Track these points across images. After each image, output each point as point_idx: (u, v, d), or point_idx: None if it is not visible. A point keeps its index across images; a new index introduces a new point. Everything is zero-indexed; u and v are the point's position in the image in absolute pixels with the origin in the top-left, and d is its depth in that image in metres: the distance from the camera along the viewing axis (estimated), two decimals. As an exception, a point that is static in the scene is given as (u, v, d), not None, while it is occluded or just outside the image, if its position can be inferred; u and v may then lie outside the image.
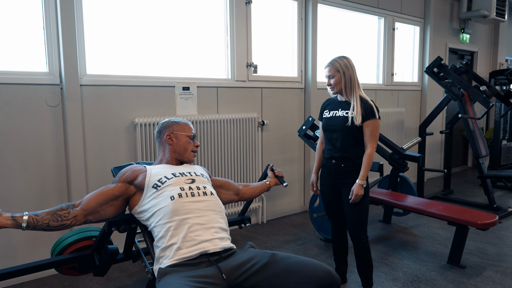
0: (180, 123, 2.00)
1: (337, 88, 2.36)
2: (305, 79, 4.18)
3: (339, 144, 2.35)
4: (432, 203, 3.16)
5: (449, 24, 5.96)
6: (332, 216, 2.57)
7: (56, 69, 2.72)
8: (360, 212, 2.36)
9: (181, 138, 1.95)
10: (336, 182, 2.43)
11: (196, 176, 1.88)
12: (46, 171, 2.73)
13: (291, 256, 1.60)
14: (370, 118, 2.28)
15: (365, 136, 2.31)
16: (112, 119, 2.97)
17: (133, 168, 1.86)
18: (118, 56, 3.04)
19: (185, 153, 1.96)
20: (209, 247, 1.62)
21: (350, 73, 2.33)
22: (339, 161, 2.37)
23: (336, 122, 2.35)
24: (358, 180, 2.29)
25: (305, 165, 4.29)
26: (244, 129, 3.64)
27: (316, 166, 2.64)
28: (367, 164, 2.29)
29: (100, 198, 1.74)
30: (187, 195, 1.73)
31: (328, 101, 2.52)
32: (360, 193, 2.27)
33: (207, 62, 3.53)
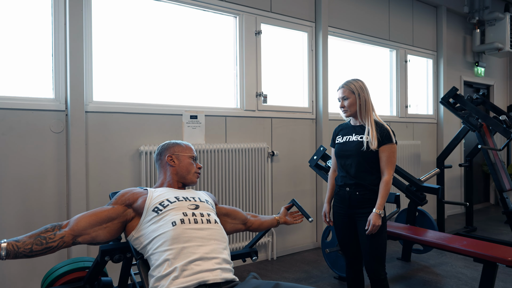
0: (181, 145, 1.93)
1: (351, 110, 2.25)
2: (316, 109, 4.09)
3: (354, 170, 2.21)
4: (456, 238, 2.92)
5: (462, 57, 5.89)
6: (346, 250, 2.37)
7: (63, 96, 2.70)
8: (378, 245, 2.16)
9: (183, 159, 1.87)
10: (351, 212, 2.26)
11: (201, 202, 1.76)
12: (46, 200, 2.63)
13: (296, 286, 1.42)
14: (387, 143, 2.16)
15: (381, 162, 2.18)
16: (117, 147, 2.90)
17: (133, 191, 1.75)
18: (125, 83, 3.02)
19: (188, 175, 1.86)
20: (208, 277, 1.46)
21: (365, 95, 2.24)
22: (354, 189, 2.22)
23: (350, 147, 2.23)
24: (375, 209, 2.12)
25: (317, 198, 4.11)
26: (253, 160, 3.53)
27: (328, 195, 2.48)
28: (384, 191, 2.14)
29: (93, 218, 1.62)
30: (189, 221, 1.60)
31: (341, 127, 2.41)
32: (378, 223, 2.10)
33: (216, 91, 3.49)
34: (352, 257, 2.36)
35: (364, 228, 2.16)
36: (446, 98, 4.31)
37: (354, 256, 2.35)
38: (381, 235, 2.16)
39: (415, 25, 5.16)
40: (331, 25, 4.17)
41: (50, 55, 2.68)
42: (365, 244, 2.19)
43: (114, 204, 1.68)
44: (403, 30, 4.99)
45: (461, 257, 3.71)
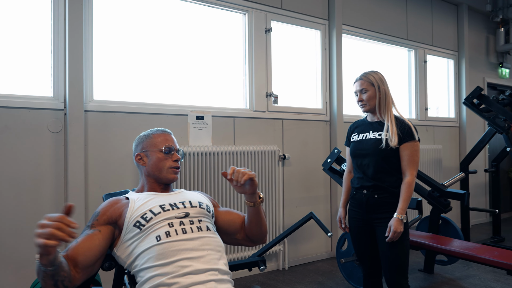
0: (150, 136, 1.59)
1: (369, 104, 2.06)
2: (330, 111, 3.89)
3: (371, 171, 2.01)
4: (485, 248, 2.65)
5: (485, 58, 5.60)
6: (363, 260, 2.15)
7: (61, 94, 2.57)
8: (399, 254, 1.95)
9: (152, 155, 1.54)
10: (368, 217, 2.05)
11: (192, 207, 1.49)
12: (43, 203, 2.49)
13: None
14: (409, 140, 1.96)
15: (402, 162, 1.97)
16: (118, 148, 2.75)
17: (115, 204, 1.45)
18: (128, 81, 2.89)
19: (161, 173, 1.54)
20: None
21: (385, 88, 2.06)
22: (372, 191, 2.01)
23: (367, 146, 2.04)
24: (396, 214, 1.92)
25: (331, 204, 3.88)
26: (263, 163, 3.33)
27: (343, 199, 2.28)
28: (406, 194, 1.93)
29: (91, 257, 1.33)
30: (176, 232, 1.36)
31: (356, 124, 2.22)
32: (399, 229, 1.89)
33: (224, 91, 3.33)
34: (370, 267, 2.13)
35: (383, 235, 1.95)
36: (469, 98, 4.04)
37: (372, 267, 2.13)
38: (403, 243, 1.94)
39: (435, 24, 4.92)
40: (345, 23, 3.98)
41: (49, 51, 2.57)
42: (385, 253, 1.97)
43: (98, 227, 1.38)
44: (422, 29, 4.76)
45: (490, 269, 3.40)
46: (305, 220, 2.42)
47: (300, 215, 3.61)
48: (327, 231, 2.13)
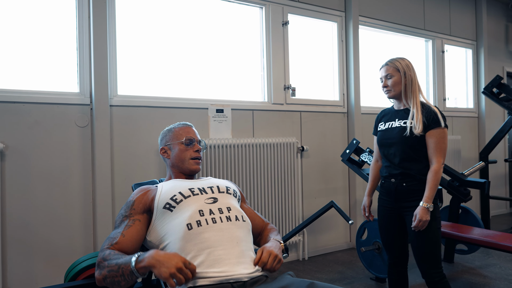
0: (172, 130, 1.71)
1: (394, 90, 2.04)
2: (347, 103, 3.90)
3: (398, 159, 2.01)
4: (506, 236, 2.65)
5: (505, 47, 5.51)
6: (390, 248, 2.15)
7: (87, 89, 2.66)
8: (428, 243, 1.93)
9: (174, 148, 1.65)
10: (397, 205, 2.04)
11: (219, 193, 1.54)
12: (71, 195, 2.60)
13: (332, 287, 1.26)
14: (434, 127, 1.93)
15: (429, 149, 1.95)
16: (142, 141, 2.84)
17: (146, 190, 1.53)
18: (150, 77, 2.96)
19: (183, 164, 1.62)
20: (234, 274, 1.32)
21: (412, 74, 2.03)
22: (400, 180, 2.01)
23: (393, 134, 2.03)
24: (422, 202, 1.90)
25: (350, 196, 3.90)
26: (282, 155, 3.38)
27: (369, 187, 2.29)
28: (433, 182, 1.90)
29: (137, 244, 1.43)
30: (207, 222, 1.40)
31: (383, 112, 2.21)
32: (425, 218, 1.87)
33: (242, 84, 3.38)
34: (396, 256, 2.13)
35: (409, 223, 1.96)
36: (489, 87, 4.00)
37: (398, 256, 2.13)
38: (432, 231, 1.92)
39: (453, 13, 4.87)
40: (362, 15, 3.98)
41: (75, 48, 2.66)
42: (414, 242, 1.97)
43: (136, 215, 1.46)
44: (439, 19, 4.71)
45: (510, 258, 3.40)
46: (326, 209, 2.46)
47: (319, 206, 3.65)
48: (348, 219, 2.17)
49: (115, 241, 1.39)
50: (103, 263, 1.31)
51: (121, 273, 1.24)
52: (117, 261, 1.27)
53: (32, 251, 2.47)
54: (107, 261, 1.30)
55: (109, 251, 1.34)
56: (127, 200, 1.53)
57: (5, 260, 2.39)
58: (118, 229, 1.44)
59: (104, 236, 2.62)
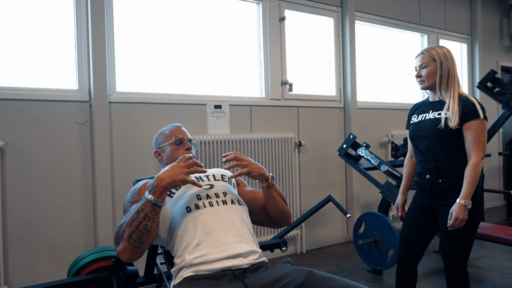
0: (163, 133, 1.75)
1: (428, 81, 1.93)
2: (344, 98, 3.94)
3: (431, 153, 1.90)
4: (500, 228, 2.71)
5: (499, 41, 5.56)
6: (407, 244, 2.04)
7: (86, 86, 2.67)
8: (459, 245, 1.84)
9: (166, 149, 1.70)
10: (433, 203, 1.93)
11: (215, 180, 1.60)
12: (72, 191, 2.62)
13: (333, 278, 1.29)
14: (472, 119, 1.80)
15: (466, 142, 1.83)
16: (141, 138, 2.86)
17: (147, 181, 1.60)
18: (148, 73, 2.98)
19: None
20: (233, 263, 1.35)
21: (450, 65, 1.89)
22: (435, 176, 1.89)
23: (425, 126, 1.92)
24: (459, 199, 1.77)
25: (347, 190, 3.95)
26: (280, 150, 3.41)
27: (403, 185, 2.19)
28: (471, 178, 1.78)
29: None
30: (204, 205, 1.46)
31: (417, 105, 2.10)
32: (462, 216, 1.75)
33: (240, 80, 3.41)
34: (410, 255, 2.03)
35: (445, 222, 1.84)
36: (483, 82, 4.04)
37: (414, 255, 2.03)
38: (466, 233, 1.82)
39: (448, 8, 4.90)
40: (358, 10, 4.00)
41: (73, 45, 2.67)
42: (445, 240, 1.87)
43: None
44: (434, 13, 4.75)
45: (504, 249, 3.46)
46: (324, 203, 2.50)
47: (316, 201, 3.70)
48: (345, 213, 2.19)
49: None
50: (121, 228, 1.33)
51: (143, 215, 1.29)
52: (131, 213, 1.33)
53: (33, 247, 2.50)
54: (125, 222, 1.33)
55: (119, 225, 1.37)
56: (132, 189, 1.56)
57: (6, 256, 2.42)
58: (127, 211, 1.47)
59: (105, 231, 2.65)
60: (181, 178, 1.32)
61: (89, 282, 1.87)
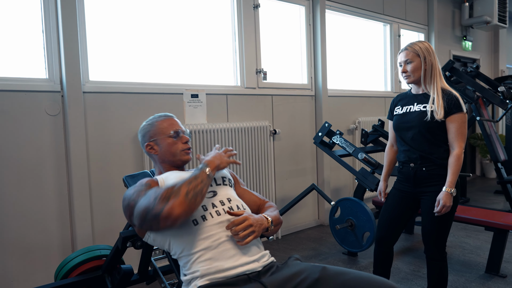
0: (155, 124, 1.63)
1: (414, 76, 2.00)
2: (315, 86, 4.01)
3: (416, 143, 2.01)
4: (463, 209, 2.95)
5: (451, 31, 5.90)
6: (385, 227, 2.17)
7: (57, 75, 2.50)
8: (442, 227, 1.99)
9: (162, 142, 1.58)
10: (416, 190, 2.06)
11: (217, 185, 1.54)
12: (46, 187, 2.47)
13: (346, 272, 1.34)
14: (456, 112, 1.92)
15: (449, 134, 1.94)
16: (117, 129, 2.74)
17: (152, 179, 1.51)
18: (122, 62, 2.84)
19: (175, 157, 1.59)
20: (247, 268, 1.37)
21: (432, 59, 1.99)
22: (419, 164, 2.01)
23: (411, 118, 2.01)
24: (445, 187, 1.91)
25: (318, 176, 4.07)
26: (256, 138, 3.43)
27: (385, 172, 2.30)
28: (455, 168, 1.90)
29: None
30: (211, 215, 1.41)
31: (400, 97, 2.18)
32: (449, 203, 1.89)
33: (216, 69, 3.35)
34: (388, 237, 2.17)
35: (428, 208, 1.99)
36: (442, 71, 4.29)
37: (391, 237, 2.17)
38: (448, 217, 1.97)
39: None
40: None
41: (41, 30, 2.47)
42: (426, 226, 2.02)
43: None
44: (396, 4, 4.92)
45: (461, 227, 3.77)
46: (308, 191, 2.57)
47: (290, 187, 3.79)
48: (329, 201, 2.27)
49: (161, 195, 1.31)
50: (173, 189, 1.30)
51: (201, 179, 1.35)
52: (185, 178, 1.34)
53: (5, 249, 2.34)
54: (176, 185, 1.31)
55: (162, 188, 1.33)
56: (134, 187, 1.46)
57: (-24, 259, 2.25)
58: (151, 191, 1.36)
59: (83, 229, 2.54)
60: (226, 161, 1.54)
61: (81, 284, 1.80)
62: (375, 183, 2.92)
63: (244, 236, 1.34)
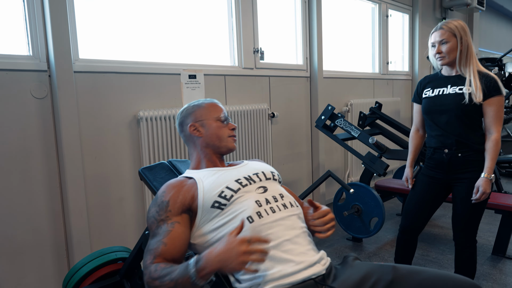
0: (203, 105, 1.51)
1: (449, 57, 1.88)
2: (310, 67, 3.85)
3: (453, 127, 1.90)
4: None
5: (432, 13, 5.93)
6: (413, 215, 2.10)
7: (42, 52, 2.17)
8: (474, 214, 1.93)
9: (209, 125, 1.46)
10: (449, 177, 1.97)
11: (267, 180, 1.40)
12: (34, 179, 2.16)
13: (420, 270, 1.23)
14: (495, 95, 1.82)
15: (487, 118, 1.86)
16: (112, 114, 2.45)
17: (179, 187, 1.32)
18: (114, 39, 2.53)
19: (221, 143, 1.46)
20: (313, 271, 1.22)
21: (468, 39, 1.87)
22: (455, 150, 1.91)
23: (447, 101, 1.90)
24: (484, 173, 1.84)
25: (313, 160, 3.97)
26: (255, 122, 3.24)
27: (411, 158, 2.18)
28: (494, 153, 1.84)
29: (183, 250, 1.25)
30: (267, 212, 1.26)
31: (428, 78, 2.06)
32: (489, 190, 1.83)
33: (213, 48, 3.10)
34: (417, 225, 2.10)
35: (463, 195, 1.91)
36: (434, 53, 4.28)
37: (420, 225, 2.11)
38: (484, 204, 1.91)
39: (396, -22, 5.03)
40: (322, -25, 3.86)
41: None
42: (461, 212, 1.94)
43: (174, 218, 1.25)
44: (385, -17, 4.83)
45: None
46: (324, 178, 2.44)
47: (286, 173, 3.66)
48: (348, 189, 2.16)
49: (157, 252, 1.19)
50: (154, 283, 1.13)
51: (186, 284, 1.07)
52: (171, 276, 1.10)
53: (-9, 251, 2.04)
54: (159, 280, 1.12)
55: (155, 267, 1.15)
56: (157, 199, 1.31)
57: (-44, 266, 1.94)
58: (157, 238, 1.23)
59: (79, 225, 2.27)
60: (233, 268, 1.03)
61: (97, 292, 1.57)
62: (383, 167, 2.85)
63: (329, 228, 1.31)
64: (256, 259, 1.03)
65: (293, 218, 1.31)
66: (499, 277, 2.45)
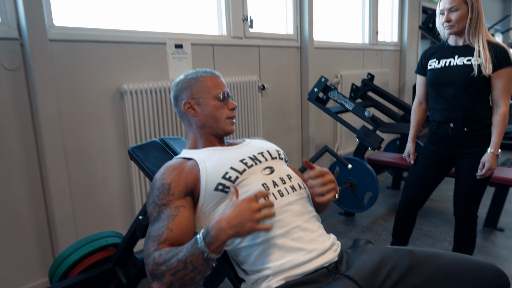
0: (201, 79, 1.32)
1: (459, 26, 1.78)
2: (301, 37, 3.69)
3: (460, 101, 1.82)
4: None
5: (421, -18, 5.77)
6: (414, 190, 2.05)
7: (12, 17, 1.94)
8: (477, 189, 1.89)
9: (206, 103, 1.30)
10: (453, 152, 1.91)
11: (272, 159, 1.28)
12: (8, 160, 1.99)
13: (438, 254, 1.16)
14: (505, 66, 1.74)
15: (495, 91, 1.78)
16: (93, 86, 2.26)
17: (179, 169, 1.20)
18: (94, 4, 2.30)
19: (218, 124, 1.31)
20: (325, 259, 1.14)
21: (479, 7, 1.76)
22: (461, 124, 1.84)
23: (454, 73, 1.81)
24: (491, 148, 1.79)
25: (303, 133, 3.87)
26: (245, 95, 3.09)
27: (413, 132, 2.11)
28: (502, 127, 1.78)
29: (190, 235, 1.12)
30: (275, 196, 1.16)
31: (434, 48, 1.96)
32: (495, 166, 1.78)
33: (200, 16, 2.89)
34: (418, 200, 2.06)
35: (467, 170, 1.86)
36: (426, 23, 4.17)
37: (421, 200, 2.06)
38: (488, 179, 1.87)
39: None
40: None
41: (-15, -44, 1.86)
42: (465, 187, 1.90)
43: (178, 201, 1.14)
44: None
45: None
46: (321, 153, 2.36)
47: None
48: (346, 164, 2.09)
49: (162, 238, 1.07)
50: (160, 269, 1.01)
51: (192, 267, 0.98)
52: (178, 257, 0.99)
53: (-34, 238, 1.88)
54: (165, 264, 1.00)
55: (159, 252, 1.04)
56: (155, 183, 1.18)
57: None
58: (159, 223, 1.10)
59: (62, 208, 2.12)
60: (249, 229, 0.96)
61: (86, 283, 1.46)
62: (378, 141, 2.78)
63: (329, 190, 1.15)
64: (269, 214, 0.99)
65: (302, 201, 1.22)
66: (493, 249, 2.47)
